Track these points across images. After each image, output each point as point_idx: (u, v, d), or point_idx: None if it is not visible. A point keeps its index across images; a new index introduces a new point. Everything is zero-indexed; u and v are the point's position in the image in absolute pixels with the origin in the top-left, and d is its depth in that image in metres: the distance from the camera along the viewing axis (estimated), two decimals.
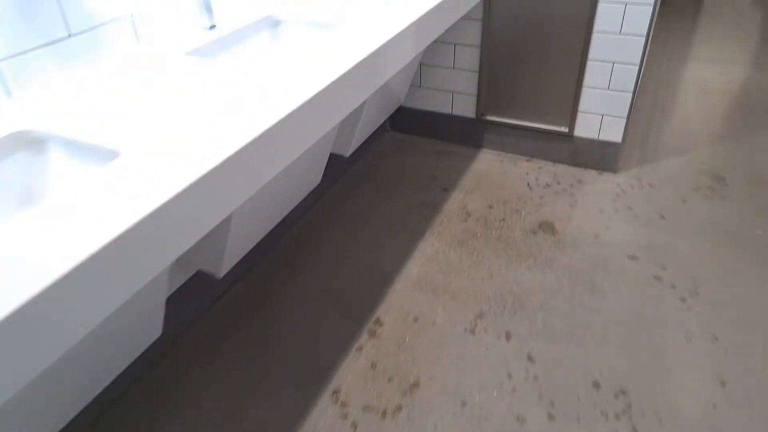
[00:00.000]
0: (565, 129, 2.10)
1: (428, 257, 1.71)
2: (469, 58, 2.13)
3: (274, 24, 1.37)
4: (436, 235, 1.80)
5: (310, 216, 1.90)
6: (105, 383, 1.15)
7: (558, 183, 2.04)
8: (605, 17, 1.84)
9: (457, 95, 2.24)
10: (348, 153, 1.87)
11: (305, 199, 1.92)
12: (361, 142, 2.01)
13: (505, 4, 1.97)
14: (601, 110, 2.01)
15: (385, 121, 2.36)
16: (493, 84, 2.15)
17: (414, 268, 1.67)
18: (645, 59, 1.87)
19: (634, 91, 1.93)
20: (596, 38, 1.89)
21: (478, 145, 2.30)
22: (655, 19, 1.78)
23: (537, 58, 2.02)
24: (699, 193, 1.96)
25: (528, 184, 2.05)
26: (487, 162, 2.19)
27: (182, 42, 1.18)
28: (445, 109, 2.29)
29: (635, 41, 1.84)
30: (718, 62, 3.02)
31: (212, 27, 1.24)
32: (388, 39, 1.20)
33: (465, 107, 2.25)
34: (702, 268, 1.64)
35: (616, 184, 2.02)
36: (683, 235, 1.77)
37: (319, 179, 1.72)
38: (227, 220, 1.23)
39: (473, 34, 2.07)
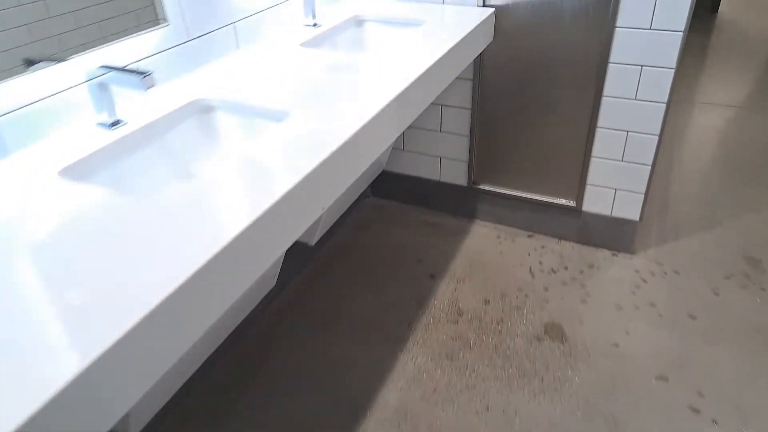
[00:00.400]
0: (571, 203, 1.80)
1: (410, 378, 1.39)
2: (459, 120, 1.84)
3: (204, 110, 1.08)
4: (420, 344, 1.49)
5: (261, 322, 1.59)
6: None
7: (565, 268, 1.74)
8: (617, 80, 1.56)
9: (445, 161, 1.95)
10: (313, 242, 1.57)
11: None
12: (329, 226, 1.72)
13: (499, 62, 1.69)
14: (614, 184, 1.71)
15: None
16: (487, 150, 1.86)
17: (391, 394, 1.35)
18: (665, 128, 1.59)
19: (653, 165, 1.63)
20: (606, 104, 1.61)
21: (470, 216, 2.00)
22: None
23: (536, 123, 1.73)
24: (733, 281, 1.66)
25: (530, 269, 1.74)
26: (482, 238, 1.89)
27: (67, 149, 0.88)
28: (433, 176, 2.00)
29: (654, 108, 1.55)
30: (732, 108, 2.75)
31: (115, 124, 0.95)
32: (350, 135, 0.91)
33: (455, 174, 1.95)
34: (748, 392, 1.33)
35: (634, 270, 1.72)
36: (720, 344, 1.45)
37: (274, 282, 1.42)
38: None
39: (462, 94, 1.79)
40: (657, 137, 1.59)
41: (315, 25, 1.48)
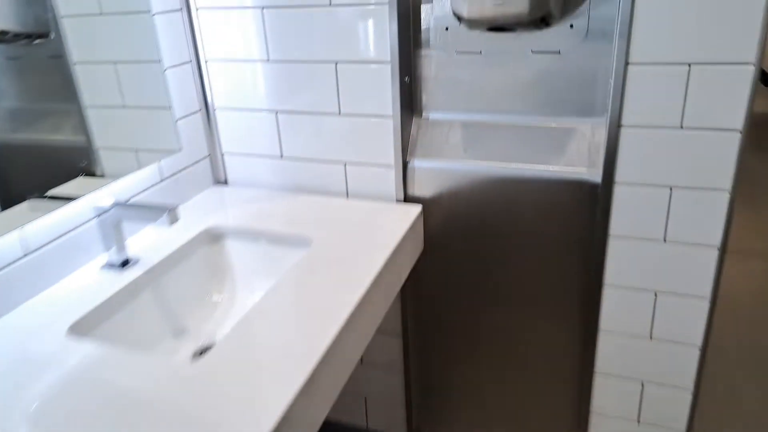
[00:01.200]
0: None
1: None
2: (386, 350, 1.23)
3: None
4: None
5: None
6: None
7: None
8: (618, 310, 1.00)
9: (373, 401, 1.31)
10: None
11: None
12: None
13: (434, 274, 1.12)
14: None
15: None
16: (430, 390, 1.24)
17: None
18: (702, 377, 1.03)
19: (689, 430, 1.05)
20: (606, 341, 1.04)
21: None
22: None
23: (499, 357, 1.14)
24: None
25: None
26: None
27: None
28: (357, 421, 1.35)
29: (682, 353, 0.99)
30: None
31: None
32: None
33: (388, 420, 1.31)
34: None
35: None
36: None
37: None
38: None
39: (388, 317, 1.20)
40: (691, 393, 1.02)
41: (125, 263, 0.87)
